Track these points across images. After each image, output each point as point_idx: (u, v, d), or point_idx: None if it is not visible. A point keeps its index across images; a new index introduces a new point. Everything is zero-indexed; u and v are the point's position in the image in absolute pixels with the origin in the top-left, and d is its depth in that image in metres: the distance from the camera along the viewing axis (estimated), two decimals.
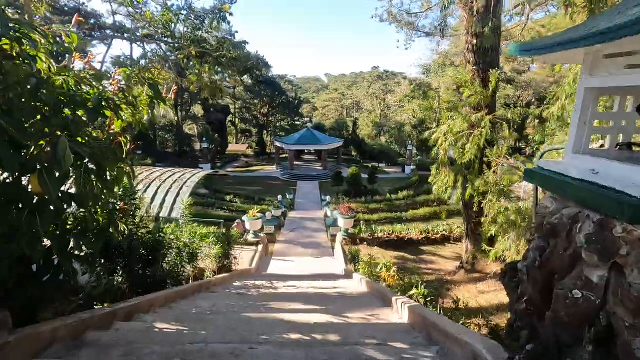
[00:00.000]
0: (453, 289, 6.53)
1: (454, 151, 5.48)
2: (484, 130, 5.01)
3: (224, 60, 9.60)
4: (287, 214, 24.36)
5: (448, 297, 5.60)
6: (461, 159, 5.41)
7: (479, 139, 5.14)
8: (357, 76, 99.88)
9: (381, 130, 60.10)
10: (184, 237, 6.95)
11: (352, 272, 9.06)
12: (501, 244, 5.05)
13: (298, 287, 6.44)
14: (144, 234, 4.89)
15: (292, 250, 16.36)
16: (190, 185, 8.77)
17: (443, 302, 5.58)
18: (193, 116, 56.95)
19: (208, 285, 6.24)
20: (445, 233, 14.29)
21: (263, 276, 10.23)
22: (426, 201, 27.66)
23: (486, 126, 4.95)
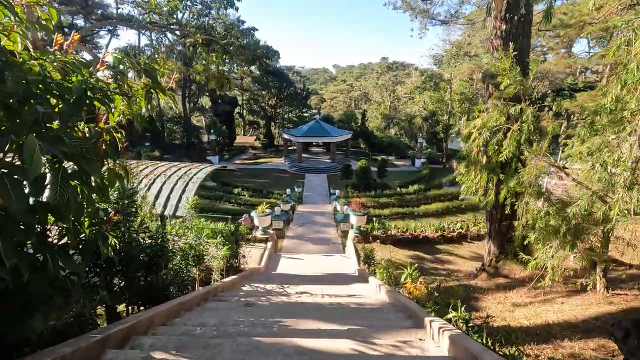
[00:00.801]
0: (480, 298, 5.98)
1: (489, 148, 4.89)
2: (524, 125, 4.41)
3: (231, 48, 9.04)
4: (295, 208, 23.93)
5: (478, 309, 5.06)
6: (496, 156, 4.81)
7: (518, 134, 4.53)
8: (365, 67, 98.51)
9: (390, 122, 59.03)
10: (189, 238, 6.51)
11: (367, 275, 8.56)
12: (542, 253, 4.48)
13: (311, 294, 5.97)
14: (144, 239, 4.42)
15: (301, 246, 15.92)
16: (197, 182, 8.30)
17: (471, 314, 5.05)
18: (201, 108, 56.61)
19: (215, 291, 5.80)
20: (461, 231, 13.68)
21: (273, 276, 9.79)
22: (438, 196, 26.97)
23: (528, 120, 4.34)
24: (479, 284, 7.30)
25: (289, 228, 18.94)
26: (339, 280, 8.98)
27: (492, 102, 7.58)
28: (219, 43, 8.68)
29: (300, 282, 8.02)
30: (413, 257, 12.20)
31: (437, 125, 46.95)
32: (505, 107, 4.85)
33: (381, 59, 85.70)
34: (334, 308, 4.67)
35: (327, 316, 4.15)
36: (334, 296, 5.70)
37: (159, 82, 3.22)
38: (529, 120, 4.43)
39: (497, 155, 4.86)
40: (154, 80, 3.18)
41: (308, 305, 4.98)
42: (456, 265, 11.42)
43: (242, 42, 9.11)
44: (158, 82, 3.22)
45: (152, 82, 3.25)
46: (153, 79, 3.17)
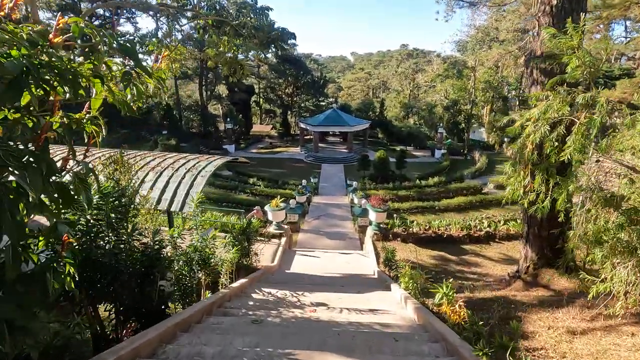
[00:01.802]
0: (524, 318, 5.17)
1: (546, 144, 4.02)
2: (597, 117, 3.52)
3: (244, 30, 8.31)
4: (311, 200, 23.31)
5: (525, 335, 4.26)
6: (556, 155, 3.94)
7: (586, 127, 3.65)
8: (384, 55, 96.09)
9: (410, 111, 57.23)
10: (194, 239, 5.92)
11: (388, 280, 7.85)
12: (614, 275, 3.64)
13: (328, 306, 5.31)
14: (136, 248, 3.82)
15: (316, 241, 15.31)
16: (206, 175, 7.72)
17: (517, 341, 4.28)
18: (218, 96, 56.31)
19: (221, 301, 5.22)
20: (489, 230, 12.72)
21: (286, 277, 9.21)
22: (459, 189, 25.82)
23: (602, 110, 3.46)
24: (517, 297, 6.45)
25: (304, 221, 18.35)
26: (358, 284, 8.29)
27: (536, 89, 6.59)
28: (230, 24, 7.97)
29: (316, 286, 7.38)
30: (437, 258, 11.38)
31: (458, 115, 45.12)
32: (570, 94, 3.93)
33: (401, 46, 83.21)
34: (355, 331, 3.99)
35: (347, 347, 3.46)
36: (353, 311, 5.03)
37: (139, 61, 2.52)
38: (603, 111, 3.53)
39: (556, 153, 3.99)
40: (133, 59, 2.48)
41: (324, 324, 4.32)
42: (484, 268, 10.54)
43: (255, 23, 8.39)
44: (139, 61, 2.52)
45: (133, 61, 2.56)
46: (132, 57, 2.47)
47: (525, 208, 7.82)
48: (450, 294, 4.00)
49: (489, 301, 6.16)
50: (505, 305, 5.87)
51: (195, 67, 52.71)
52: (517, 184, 4.66)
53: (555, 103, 3.93)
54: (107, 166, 4.83)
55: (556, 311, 5.35)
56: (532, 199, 4.36)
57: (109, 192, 3.32)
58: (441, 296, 4.01)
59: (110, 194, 3.35)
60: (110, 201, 3.34)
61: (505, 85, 47.83)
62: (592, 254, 4.07)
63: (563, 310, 5.37)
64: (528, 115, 4.07)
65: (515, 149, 4.27)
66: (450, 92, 47.96)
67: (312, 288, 6.76)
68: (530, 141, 4.03)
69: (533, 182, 4.40)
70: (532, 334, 4.50)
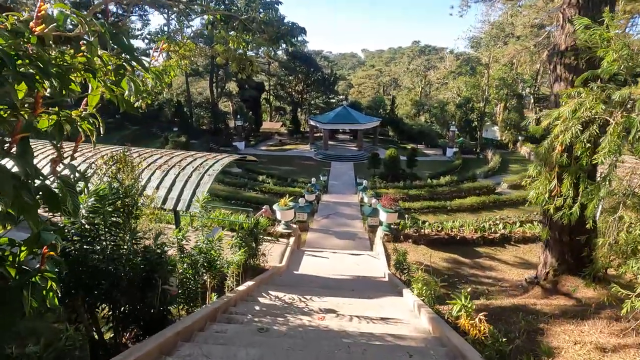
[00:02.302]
0: (547, 330, 4.84)
1: (577, 146, 3.69)
2: (636, 117, 3.18)
3: (253, 25, 8.09)
4: (320, 198, 23.07)
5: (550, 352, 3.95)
6: (587, 157, 3.61)
7: (623, 128, 3.32)
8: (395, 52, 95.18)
9: (421, 109, 56.38)
10: (200, 241, 5.74)
11: (399, 284, 7.57)
12: None
13: (337, 313, 5.07)
14: (136, 252, 3.63)
15: (325, 240, 15.08)
16: (213, 174, 7.54)
17: None
18: (228, 93, 56.40)
19: (227, 305, 5.02)
20: (504, 232, 12.28)
21: (294, 278, 9.00)
22: (472, 189, 25.25)
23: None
24: (538, 306, 6.10)
25: (313, 220, 18.13)
26: (368, 288, 8.04)
27: (559, 86, 6.18)
28: (239, 19, 7.75)
29: (324, 289, 7.16)
30: (450, 261, 11.02)
31: (471, 113, 44.26)
32: (604, 90, 3.59)
33: (412, 43, 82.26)
34: (366, 344, 3.74)
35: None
36: (364, 320, 4.78)
37: (134, 54, 2.30)
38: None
39: (588, 155, 3.66)
40: (126, 50, 2.26)
41: (333, 335, 4.09)
42: (500, 272, 10.15)
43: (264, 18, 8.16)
44: (133, 54, 2.30)
45: (128, 53, 2.34)
46: (126, 49, 2.25)
47: (546, 211, 7.46)
48: (469, 305, 3.72)
49: (508, 310, 5.84)
50: (524, 314, 5.55)
51: (206, 64, 52.90)
52: (543, 188, 4.33)
53: (587, 101, 3.60)
54: (110, 165, 4.67)
55: (582, 323, 5.02)
56: (560, 204, 4.03)
57: (105, 194, 3.13)
58: (459, 308, 3.73)
59: (107, 197, 3.17)
60: (107, 203, 3.16)
61: (520, 82, 46.68)
62: (625, 266, 3.73)
63: (589, 322, 5.03)
64: (557, 114, 3.74)
65: (542, 151, 3.94)
66: (463, 89, 47.06)
67: (320, 292, 6.54)
68: (560, 142, 3.70)
69: (560, 186, 4.06)
70: (557, 350, 4.20)
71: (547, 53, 7.22)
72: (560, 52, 6.73)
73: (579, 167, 3.87)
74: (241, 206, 21.28)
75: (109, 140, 37.03)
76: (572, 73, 6.65)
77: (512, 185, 26.83)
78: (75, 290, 3.09)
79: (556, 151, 3.78)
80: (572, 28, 6.60)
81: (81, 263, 2.91)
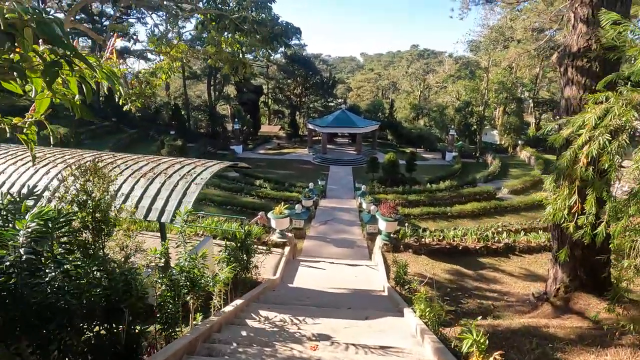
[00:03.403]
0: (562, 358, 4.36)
1: (604, 158, 3.24)
2: None
3: (246, 25, 7.65)
4: (318, 203, 22.58)
5: None
6: (616, 170, 3.16)
7: None
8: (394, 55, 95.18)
9: (420, 112, 56.12)
10: (182, 258, 5.25)
11: (401, 302, 7.07)
12: None
13: (332, 341, 4.57)
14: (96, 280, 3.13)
15: (322, 248, 14.58)
16: (201, 182, 7.07)
17: None
18: (226, 96, 56.02)
19: (209, 332, 4.52)
20: (508, 242, 11.80)
21: (288, 293, 8.51)
22: (472, 194, 24.83)
23: None
24: (550, 328, 5.61)
25: (310, 226, 17.63)
26: (366, 304, 7.54)
27: (571, 90, 5.70)
28: (230, 18, 7.32)
29: (319, 308, 6.65)
30: (452, 273, 10.53)
31: (470, 117, 43.99)
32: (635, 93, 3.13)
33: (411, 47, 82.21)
34: None
35: None
36: (361, 348, 4.29)
37: (66, 45, 1.82)
38: None
39: (617, 169, 3.20)
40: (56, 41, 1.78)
41: None
42: (505, 285, 9.67)
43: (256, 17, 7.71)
44: (65, 45, 1.82)
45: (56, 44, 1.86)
46: (56, 41, 1.77)
47: (556, 224, 7.00)
48: (482, 341, 3.25)
49: (518, 334, 5.34)
50: (538, 339, 5.06)
51: (204, 67, 52.57)
52: (561, 203, 3.86)
53: (616, 107, 3.14)
54: (77, 177, 4.18)
55: (602, 353, 4.53)
56: (583, 222, 3.57)
57: (52, 217, 2.65)
58: (470, 343, 3.27)
59: (55, 219, 2.68)
60: (56, 227, 2.67)
61: (520, 86, 46.46)
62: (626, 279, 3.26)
63: (611, 351, 4.54)
64: (581, 122, 3.28)
65: (564, 163, 3.48)
66: (462, 93, 46.79)
67: (315, 312, 6.04)
68: (585, 154, 3.24)
69: (583, 202, 3.60)
70: None
71: (556, 55, 6.76)
72: (572, 53, 6.30)
73: (606, 182, 3.42)
74: (237, 212, 20.78)
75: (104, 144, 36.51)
76: (585, 76, 6.22)
77: (512, 190, 26.43)
78: (19, 331, 2.60)
79: (580, 164, 3.32)
80: (584, 28, 6.19)
81: (21, 300, 2.42)
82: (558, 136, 3.67)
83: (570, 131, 3.44)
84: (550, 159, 35.69)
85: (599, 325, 5.77)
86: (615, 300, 4.58)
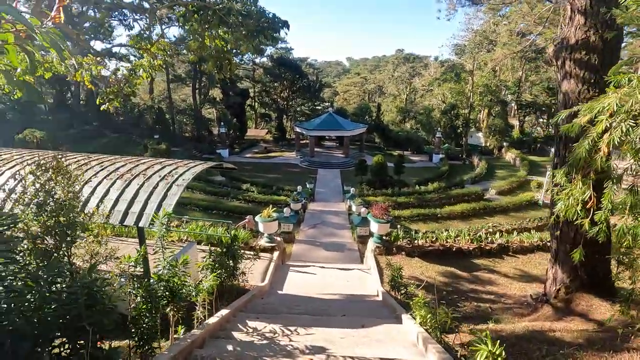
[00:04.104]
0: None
1: (624, 147, 2.97)
2: None
3: (230, 17, 7.26)
4: (307, 207, 22.16)
5: None
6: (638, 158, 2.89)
7: None
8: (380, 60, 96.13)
9: (406, 115, 56.51)
10: (161, 265, 4.76)
11: (397, 308, 6.70)
12: None
13: (328, 353, 4.16)
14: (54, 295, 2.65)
15: (312, 252, 14.15)
16: (183, 184, 6.58)
17: None
18: (211, 99, 55.18)
19: (190, 349, 4.04)
20: (502, 242, 11.62)
21: (278, 301, 8.04)
22: (461, 195, 24.84)
23: None
24: (557, 332, 5.34)
25: (299, 230, 17.19)
26: (361, 311, 7.16)
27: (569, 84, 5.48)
28: (213, 9, 6.91)
29: (311, 317, 6.23)
30: (446, 275, 10.25)
31: (456, 119, 44.46)
32: None
33: (396, 51, 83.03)
34: None
35: None
36: None
37: None
38: None
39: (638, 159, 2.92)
40: None
41: None
42: (501, 287, 9.44)
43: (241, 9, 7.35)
44: None
45: None
46: None
47: (556, 222, 6.78)
48: (498, 352, 2.90)
49: (524, 340, 5.04)
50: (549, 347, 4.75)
51: (189, 71, 51.70)
52: (573, 199, 3.57)
53: (638, 90, 2.86)
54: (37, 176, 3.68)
55: (616, 357, 4.24)
56: (600, 218, 3.27)
57: None
58: (485, 354, 2.92)
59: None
60: None
61: (504, 89, 47.23)
62: None
63: (625, 355, 4.26)
64: (601, 107, 3.00)
65: (581, 152, 3.19)
66: (448, 96, 47.28)
67: (307, 321, 5.61)
68: (606, 142, 2.96)
69: (600, 196, 3.31)
70: None
71: (553, 48, 6.58)
72: (570, 46, 6.12)
73: None
74: (223, 217, 20.14)
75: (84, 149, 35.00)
76: (583, 69, 6.04)
77: (500, 191, 26.59)
78: None
79: (600, 153, 3.04)
80: (582, 20, 6.01)
81: None
82: (574, 124, 3.38)
83: (590, 117, 3.15)
84: (535, 160, 36.25)
85: (605, 327, 5.53)
86: (629, 302, 4.33)
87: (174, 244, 11.00)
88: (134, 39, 10.02)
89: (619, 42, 5.93)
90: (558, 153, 6.65)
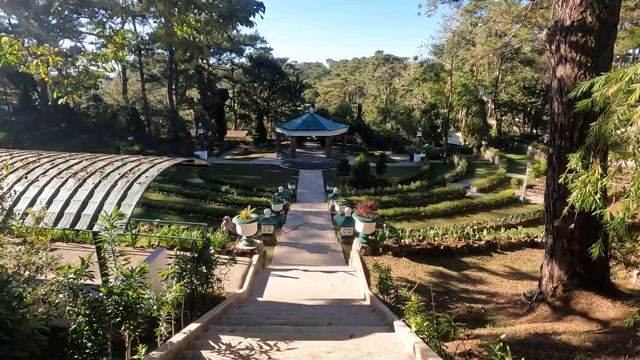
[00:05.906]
0: None
1: None
2: None
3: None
4: (288, 207, 21.48)
5: None
6: None
7: None
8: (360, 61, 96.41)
9: (387, 115, 56.71)
10: (115, 274, 4.02)
11: (388, 313, 6.15)
12: None
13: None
14: None
15: (295, 255, 13.50)
16: (146, 181, 5.82)
17: None
18: (189, 100, 53.59)
19: None
20: (489, 240, 11.32)
21: (257, 309, 7.35)
22: (443, 193, 24.76)
23: None
24: (562, 335, 4.91)
25: (280, 232, 16.49)
26: (348, 317, 6.57)
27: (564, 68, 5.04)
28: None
29: (293, 328, 5.59)
30: (435, 275, 9.83)
31: (436, 119, 44.85)
32: None
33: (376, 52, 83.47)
34: None
35: None
36: None
37: None
38: None
39: None
40: None
41: None
42: (492, 285, 9.09)
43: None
44: None
45: None
46: None
47: (552, 214, 6.41)
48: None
49: (530, 345, 4.56)
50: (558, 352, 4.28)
51: (164, 70, 49.98)
52: (591, 187, 3.10)
53: None
54: None
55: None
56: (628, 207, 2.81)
57: None
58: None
59: None
60: None
61: (481, 88, 47.96)
62: None
63: None
64: (632, 74, 2.53)
65: (610, 127, 2.71)
66: (428, 95, 47.62)
67: (289, 333, 4.97)
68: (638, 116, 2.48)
69: None
70: None
71: (546, 32, 6.21)
72: (565, 28, 5.76)
73: None
74: (201, 220, 19.16)
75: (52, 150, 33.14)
76: (579, 53, 5.68)
77: (481, 188, 26.71)
78: None
79: (634, 128, 2.57)
80: (576, 1, 5.66)
81: None
82: (598, 97, 2.91)
83: (618, 87, 2.69)
84: (513, 158, 36.84)
85: (611, 328, 5.14)
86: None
87: (143, 250, 10.11)
88: (97, 25, 9.14)
89: (616, 22, 5.61)
90: (553, 142, 6.28)
